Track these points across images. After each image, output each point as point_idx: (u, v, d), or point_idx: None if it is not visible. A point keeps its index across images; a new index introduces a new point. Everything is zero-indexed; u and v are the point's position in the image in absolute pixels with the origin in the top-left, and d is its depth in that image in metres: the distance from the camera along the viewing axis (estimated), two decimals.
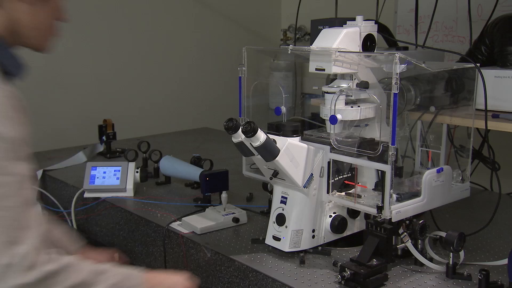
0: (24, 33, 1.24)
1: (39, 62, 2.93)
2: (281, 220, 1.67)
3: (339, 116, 1.60)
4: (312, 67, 1.67)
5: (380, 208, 1.53)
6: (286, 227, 1.65)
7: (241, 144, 1.66)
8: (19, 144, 1.15)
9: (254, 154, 1.68)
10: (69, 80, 3.03)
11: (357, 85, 1.66)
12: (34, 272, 1.13)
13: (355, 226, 1.76)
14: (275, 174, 1.71)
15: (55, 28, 1.35)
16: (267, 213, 1.97)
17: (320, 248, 1.69)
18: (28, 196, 1.17)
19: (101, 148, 2.82)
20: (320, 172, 1.65)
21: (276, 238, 1.67)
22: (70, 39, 3.03)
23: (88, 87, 3.16)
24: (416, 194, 1.60)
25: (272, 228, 1.69)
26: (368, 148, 1.58)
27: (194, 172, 2.18)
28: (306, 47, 1.69)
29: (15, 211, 1.12)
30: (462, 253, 1.59)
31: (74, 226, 2.24)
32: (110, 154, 2.78)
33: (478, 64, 1.70)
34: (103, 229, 2.19)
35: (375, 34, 1.69)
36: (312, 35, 1.76)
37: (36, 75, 2.93)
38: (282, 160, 1.64)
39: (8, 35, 1.26)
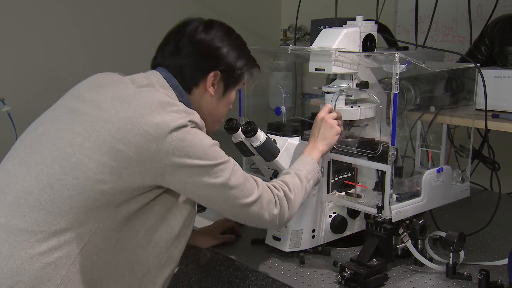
0: (201, 117, 1.35)
1: (40, 62, 2.94)
2: None
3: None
4: (312, 67, 1.67)
5: (380, 208, 1.53)
6: (286, 227, 1.65)
7: (241, 144, 1.66)
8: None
9: (254, 154, 1.68)
10: (69, 80, 3.03)
11: (357, 85, 1.66)
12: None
13: (355, 226, 1.76)
14: (275, 174, 1.71)
15: (223, 116, 1.54)
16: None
17: (320, 248, 1.69)
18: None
19: None
20: (320, 172, 1.65)
21: (276, 238, 1.67)
22: (71, 39, 3.03)
23: None
24: (416, 194, 1.60)
25: None
26: (368, 148, 1.58)
27: None
28: (306, 47, 1.69)
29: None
30: (462, 253, 1.59)
31: None
32: None
33: (478, 64, 1.70)
34: None
35: (375, 34, 1.69)
36: (312, 35, 1.76)
37: (37, 75, 2.93)
38: (282, 160, 1.64)
39: None
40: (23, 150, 1.33)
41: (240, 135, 1.62)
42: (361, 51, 1.66)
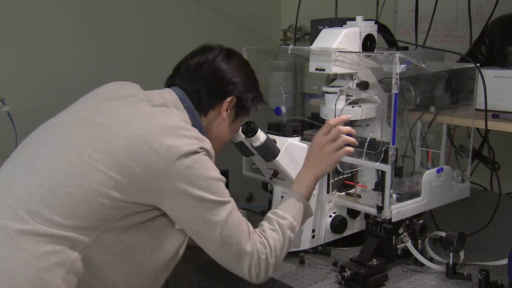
0: (209, 139, 1.36)
1: (40, 62, 2.94)
2: None
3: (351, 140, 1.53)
4: (312, 67, 1.67)
5: (380, 208, 1.53)
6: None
7: (241, 144, 1.66)
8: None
9: (254, 154, 1.68)
10: (69, 80, 3.02)
11: (357, 85, 1.66)
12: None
13: (355, 226, 1.76)
14: (275, 174, 1.71)
15: (227, 142, 1.57)
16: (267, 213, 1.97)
17: (320, 248, 1.69)
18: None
19: None
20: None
21: None
22: (71, 39, 3.03)
23: (88, 87, 3.16)
24: (416, 194, 1.60)
25: None
26: (368, 148, 1.58)
27: None
28: (306, 47, 1.69)
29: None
30: (462, 253, 1.59)
31: None
32: None
33: (478, 64, 1.70)
34: None
35: (375, 34, 1.69)
36: (312, 35, 1.76)
37: (37, 75, 2.93)
38: (282, 160, 1.64)
39: None
40: (27, 153, 1.32)
41: (240, 135, 1.62)
42: (361, 51, 1.66)
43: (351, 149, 1.52)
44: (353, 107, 1.66)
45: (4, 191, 1.26)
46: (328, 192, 1.67)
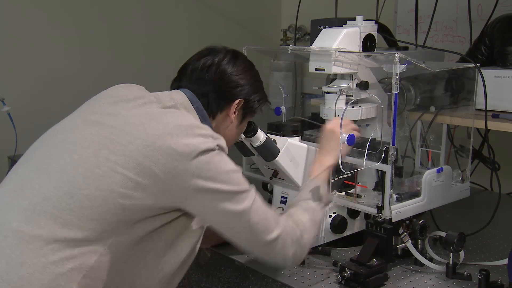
0: None
1: (40, 62, 2.94)
2: None
3: (355, 133, 1.57)
4: (312, 67, 1.67)
5: (380, 208, 1.53)
6: None
7: (241, 144, 1.66)
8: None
9: (254, 154, 1.68)
10: (69, 80, 3.02)
11: (357, 85, 1.66)
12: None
13: (355, 226, 1.76)
14: (275, 174, 1.71)
15: (233, 143, 1.61)
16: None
17: (320, 248, 1.69)
18: None
19: None
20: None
21: None
22: (71, 40, 3.03)
23: (88, 87, 3.16)
24: (416, 194, 1.60)
25: None
26: (369, 148, 1.58)
27: None
28: (306, 47, 1.69)
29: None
30: (462, 253, 1.59)
31: None
32: None
33: (478, 64, 1.70)
34: None
35: (375, 34, 1.69)
36: (312, 35, 1.76)
37: (36, 75, 2.93)
38: (282, 160, 1.64)
39: None
40: (39, 157, 1.31)
41: (240, 135, 1.62)
42: (361, 51, 1.66)
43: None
44: (353, 107, 1.66)
45: (17, 195, 1.25)
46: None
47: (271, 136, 1.67)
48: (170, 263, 1.33)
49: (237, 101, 1.47)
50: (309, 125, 1.82)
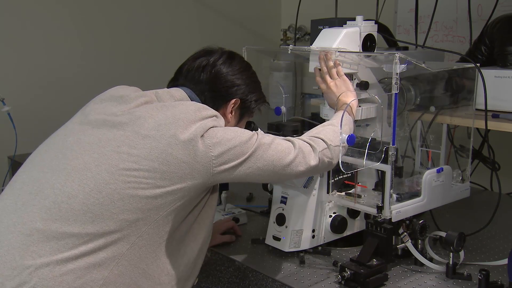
0: None
1: (40, 62, 2.94)
2: (281, 220, 1.67)
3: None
4: (312, 67, 1.67)
5: (380, 208, 1.53)
6: (286, 227, 1.65)
7: None
8: None
9: None
10: (69, 80, 3.03)
11: (357, 85, 1.66)
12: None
13: (355, 226, 1.76)
14: None
15: None
16: (267, 213, 1.97)
17: (320, 248, 1.69)
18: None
19: None
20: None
21: (276, 238, 1.67)
22: (71, 39, 3.03)
23: (88, 87, 3.16)
24: (416, 194, 1.60)
25: (272, 228, 1.69)
26: (369, 148, 1.58)
27: None
28: (306, 47, 1.69)
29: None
30: (462, 253, 1.59)
31: None
32: None
33: (478, 64, 1.70)
34: None
35: (375, 34, 1.69)
36: (312, 35, 1.76)
37: (37, 75, 2.93)
38: None
39: None
40: (53, 159, 1.32)
41: None
42: (361, 51, 1.66)
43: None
44: None
45: (36, 196, 1.27)
46: (328, 192, 1.67)
47: None
48: (190, 246, 1.39)
49: (233, 101, 1.49)
50: (309, 125, 1.82)
